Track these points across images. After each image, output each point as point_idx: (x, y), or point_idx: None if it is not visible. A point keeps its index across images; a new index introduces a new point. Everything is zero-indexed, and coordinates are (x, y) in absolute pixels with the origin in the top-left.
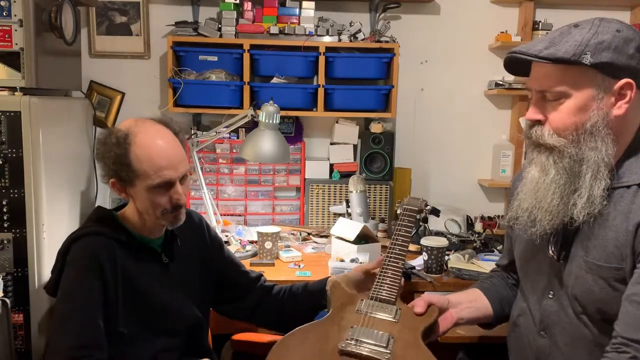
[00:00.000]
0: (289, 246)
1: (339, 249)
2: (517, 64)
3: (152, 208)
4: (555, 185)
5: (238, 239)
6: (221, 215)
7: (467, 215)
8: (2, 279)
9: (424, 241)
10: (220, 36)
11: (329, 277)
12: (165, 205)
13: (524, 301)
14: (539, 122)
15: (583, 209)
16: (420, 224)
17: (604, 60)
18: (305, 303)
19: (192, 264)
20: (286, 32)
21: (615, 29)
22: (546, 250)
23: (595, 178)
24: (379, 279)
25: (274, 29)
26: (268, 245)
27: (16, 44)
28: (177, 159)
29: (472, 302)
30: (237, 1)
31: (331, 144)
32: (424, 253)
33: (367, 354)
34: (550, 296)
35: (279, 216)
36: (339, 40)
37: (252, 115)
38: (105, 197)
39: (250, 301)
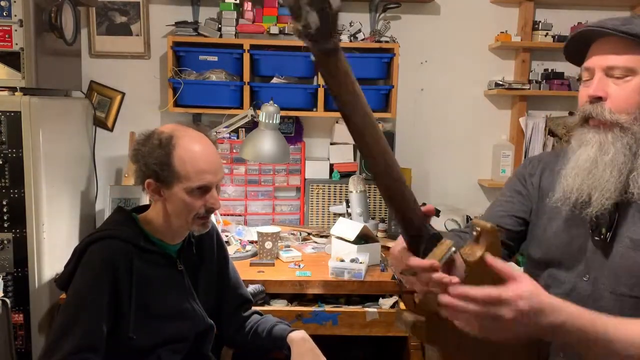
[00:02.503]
0: (289, 246)
1: (339, 249)
2: (577, 47)
3: (185, 211)
4: (613, 164)
5: (238, 239)
6: (221, 215)
7: (467, 215)
8: (2, 279)
9: None
10: (220, 36)
11: (292, 329)
12: (199, 209)
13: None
14: (599, 100)
15: None
16: None
17: None
18: (266, 345)
19: (204, 272)
20: (286, 32)
21: None
22: (587, 233)
23: None
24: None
25: (274, 29)
26: (268, 245)
27: (16, 44)
28: (217, 165)
29: None
30: (237, 1)
31: (331, 144)
32: None
33: None
34: (585, 279)
35: (279, 216)
36: (339, 40)
37: (252, 115)
38: (105, 197)
39: (226, 331)
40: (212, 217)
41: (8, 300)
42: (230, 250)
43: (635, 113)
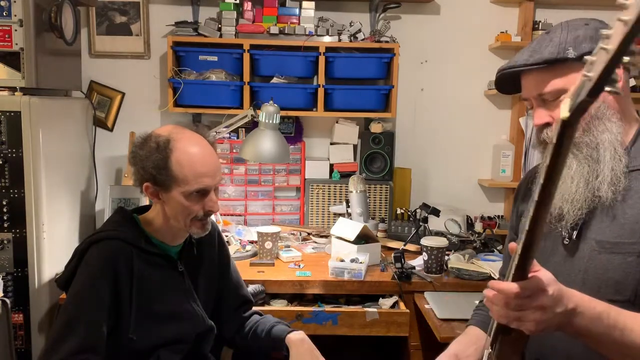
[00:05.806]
0: (289, 246)
1: (339, 249)
2: (507, 83)
3: (183, 214)
4: (579, 175)
5: (238, 239)
6: (221, 215)
7: (467, 215)
8: (2, 279)
9: (424, 241)
10: (220, 36)
11: (291, 330)
12: (197, 212)
13: None
14: (547, 125)
15: (608, 188)
16: (421, 224)
17: (585, 50)
18: (265, 346)
19: (205, 273)
20: (286, 32)
21: (584, 23)
22: (558, 238)
23: (614, 158)
24: None
25: (274, 29)
26: (268, 245)
27: (16, 44)
28: (216, 168)
29: (477, 344)
30: (237, 1)
31: (331, 144)
32: (424, 253)
33: None
34: None
35: (279, 216)
36: (339, 40)
37: (252, 115)
38: (105, 197)
39: (227, 332)
40: (212, 217)
41: (8, 300)
42: (230, 250)
43: (582, 126)
